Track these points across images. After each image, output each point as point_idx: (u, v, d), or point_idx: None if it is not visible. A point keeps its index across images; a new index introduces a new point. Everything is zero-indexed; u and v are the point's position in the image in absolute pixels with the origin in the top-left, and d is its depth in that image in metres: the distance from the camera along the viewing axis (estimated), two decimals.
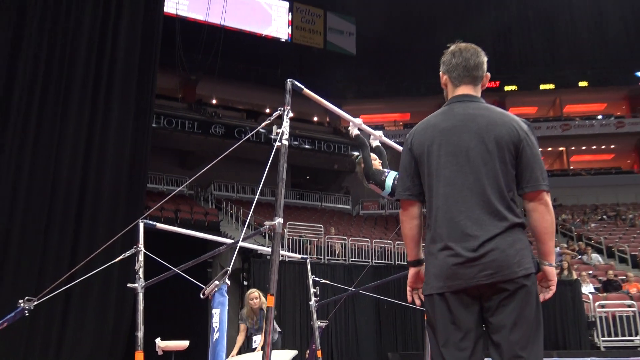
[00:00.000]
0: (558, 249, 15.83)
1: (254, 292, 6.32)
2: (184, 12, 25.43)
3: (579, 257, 16.15)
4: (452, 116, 2.13)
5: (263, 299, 6.17)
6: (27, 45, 9.82)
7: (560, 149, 31.01)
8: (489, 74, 2.27)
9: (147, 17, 11.71)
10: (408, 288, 2.25)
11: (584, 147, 30.71)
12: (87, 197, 10.11)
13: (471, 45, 2.25)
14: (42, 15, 10.13)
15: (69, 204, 9.85)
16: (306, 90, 3.21)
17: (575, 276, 12.68)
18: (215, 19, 24.18)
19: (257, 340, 6.14)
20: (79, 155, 10.14)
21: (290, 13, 30.90)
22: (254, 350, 6.11)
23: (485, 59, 2.24)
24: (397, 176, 2.26)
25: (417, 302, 2.24)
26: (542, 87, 30.83)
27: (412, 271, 2.22)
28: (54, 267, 9.24)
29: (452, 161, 2.04)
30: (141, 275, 4.03)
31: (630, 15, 29.64)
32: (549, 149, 30.55)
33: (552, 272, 2.06)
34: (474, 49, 2.24)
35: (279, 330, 6.42)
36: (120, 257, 4.05)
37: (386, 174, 3.93)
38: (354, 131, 4.08)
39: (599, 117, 29.94)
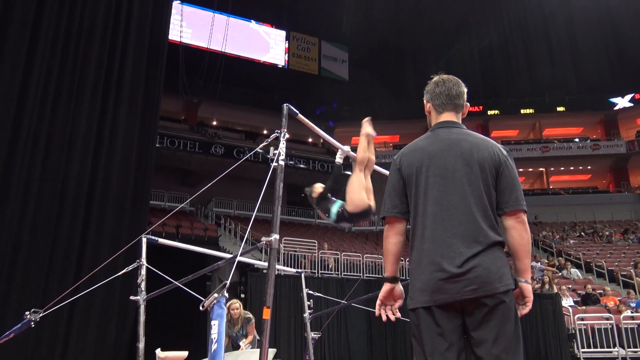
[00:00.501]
0: (539, 264, 15.83)
1: (235, 303, 6.55)
2: (187, 39, 25.60)
3: (559, 272, 16.15)
4: (437, 140, 2.16)
5: (242, 309, 6.54)
6: (40, 69, 9.82)
7: (540, 169, 31.19)
8: (468, 104, 2.33)
9: (152, 45, 11.79)
10: (378, 302, 2.22)
11: (562, 168, 30.91)
12: (92, 212, 10.06)
13: (453, 77, 2.32)
14: (54, 40, 10.16)
15: (75, 219, 9.79)
16: (300, 116, 3.24)
17: (555, 290, 12.66)
18: (216, 46, 24.35)
19: (241, 344, 6.40)
20: (85, 172, 10.12)
21: (287, 41, 31.18)
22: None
23: (465, 90, 2.30)
24: (384, 194, 2.26)
25: (384, 317, 2.21)
26: (522, 111, 31.12)
27: (387, 287, 2.20)
28: (59, 279, 9.15)
29: (439, 182, 2.06)
30: (143, 289, 4.00)
31: (603, 46, 30.09)
32: (530, 169, 30.73)
33: (528, 288, 2.08)
34: (455, 80, 2.30)
35: (258, 338, 6.60)
36: (123, 270, 4.02)
37: (332, 202, 4.01)
38: (338, 159, 4.32)
39: (576, 140, 30.20)
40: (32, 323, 3.39)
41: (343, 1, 30.40)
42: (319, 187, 4.16)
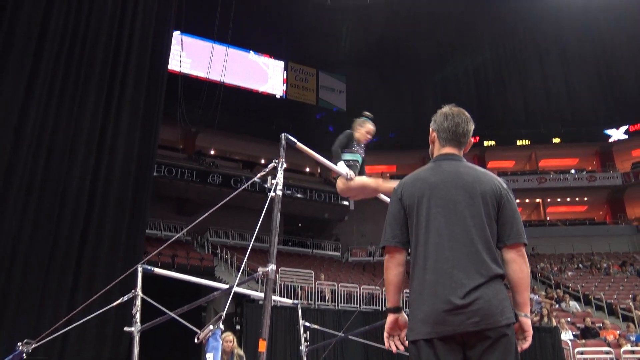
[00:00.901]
0: (537, 296, 15.70)
1: (229, 336, 6.65)
2: (186, 69, 25.88)
3: (558, 305, 16.01)
4: (440, 172, 2.16)
5: (236, 344, 6.67)
6: (38, 103, 9.88)
7: (537, 200, 31.25)
8: (472, 140, 2.32)
9: (152, 74, 11.93)
10: (385, 335, 2.19)
11: (559, 199, 30.97)
12: (88, 241, 10.01)
13: (463, 112, 2.30)
14: (55, 65, 10.25)
15: (71, 247, 9.73)
16: (299, 144, 3.24)
17: (554, 323, 12.53)
18: (215, 76, 24.61)
19: None
20: (82, 200, 10.09)
21: (285, 72, 31.57)
22: None
23: (472, 127, 2.31)
24: (385, 224, 2.24)
25: (394, 348, 2.18)
26: (518, 142, 31.35)
27: (391, 317, 2.17)
28: (53, 308, 9.04)
29: (441, 213, 2.06)
30: (138, 319, 3.94)
31: (597, 79, 30.57)
32: (527, 200, 30.78)
33: (528, 323, 2.07)
34: (465, 116, 2.29)
35: None
36: (118, 301, 3.97)
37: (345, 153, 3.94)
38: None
39: (572, 171, 30.35)
40: (24, 355, 3.33)
41: (340, 33, 30.94)
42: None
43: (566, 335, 12.33)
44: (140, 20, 11.93)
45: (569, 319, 14.13)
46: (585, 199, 30.67)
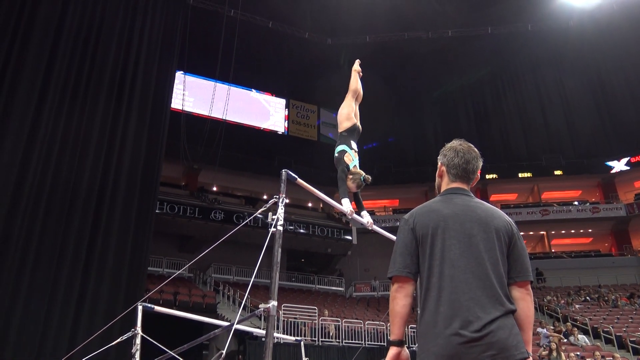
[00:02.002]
0: (546, 330, 15.42)
1: None
2: (189, 107, 26.23)
3: (566, 339, 15.71)
4: (452, 205, 2.17)
5: None
6: (44, 134, 9.99)
7: (541, 232, 31.04)
8: (478, 175, 2.34)
9: (155, 112, 12.09)
10: None
11: (563, 231, 30.77)
12: (90, 278, 9.96)
13: (473, 149, 2.33)
14: (60, 100, 10.40)
15: (72, 284, 9.68)
16: (299, 180, 3.26)
17: (564, 358, 12.26)
18: (217, 113, 24.91)
19: None
20: (84, 234, 10.08)
21: (286, 109, 31.97)
22: None
23: (481, 164, 2.33)
24: (394, 253, 2.21)
25: None
26: (520, 175, 31.35)
27: (394, 351, 2.09)
28: (53, 346, 8.92)
29: (456, 245, 2.05)
30: (138, 358, 3.88)
31: (595, 110, 30.81)
32: (531, 232, 30.58)
33: None
34: (475, 154, 2.32)
35: None
36: (118, 340, 3.92)
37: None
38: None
39: (576, 203, 30.24)
40: None
41: (340, 70, 31.43)
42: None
43: None
44: (143, 61, 12.17)
45: (578, 353, 13.84)
46: (590, 230, 30.47)
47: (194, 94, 27.19)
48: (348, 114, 5.02)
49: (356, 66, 5.43)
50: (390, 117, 32.61)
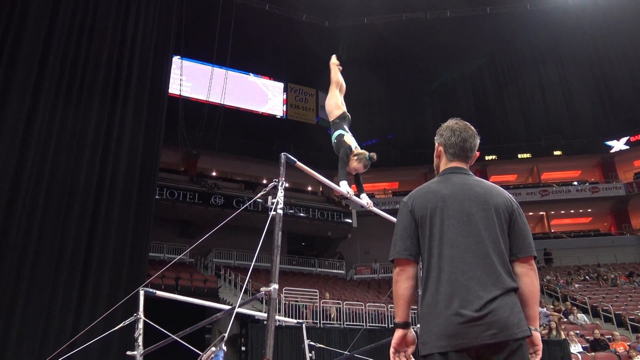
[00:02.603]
0: (545, 309, 15.55)
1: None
2: (187, 92, 26.09)
3: (566, 318, 15.84)
4: (450, 184, 2.16)
5: None
6: (39, 131, 9.95)
7: (541, 213, 31.12)
8: (477, 153, 2.33)
9: (152, 98, 12.02)
10: (392, 350, 2.13)
11: (562, 212, 30.84)
12: (91, 264, 9.99)
13: (469, 127, 2.31)
14: (57, 92, 10.35)
15: (73, 270, 9.72)
16: (299, 163, 3.25)
17: (563, 336, 12.39)
18: (215, 98, 24.80)
19: None
20: (85, 223, 10.10)
21: (285, 92, 31.80)
22: None
23: (478, 141, 2.32)
24: (395, 236, 2.20)
25: None
26: (520, 156, 31.32)
27: (399, 333, 2.10)
28: (57, 332, 9.00)
29: (454, 225, 2.04)
30: (140, 343, 3.91)
31: (595, 90, 30.69)
32: (530, 213, 30.65)
33: (538, 336, 2.06)
34: (472, 131, 2.30)
35: None
36: (120, 325, 3.95)
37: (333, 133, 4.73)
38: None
39: (575, 183, 30.28)
40: None
41: (338, 53, 31.20)
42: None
43: (575, 348, 12.18)
44: (139, 46, 12.07)
45: (577, 332, 13.97)
46: (589, 210, 30.55)
47: (191, 79, 27.03)
48: (335, 103, 5.16)
49: (334, 60, 5.64)
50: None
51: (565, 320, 15.54)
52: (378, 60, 30.79)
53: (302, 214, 24.73)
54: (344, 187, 4.16)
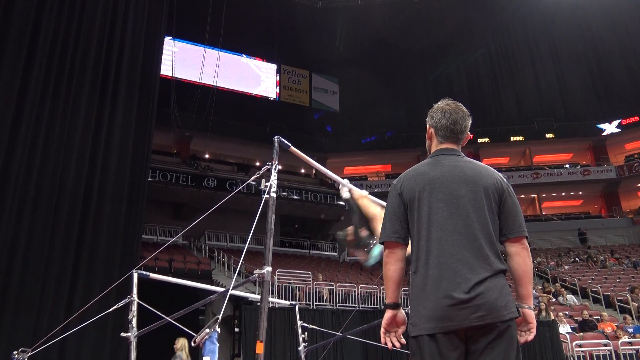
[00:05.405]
0: (535, 291, 15.74)
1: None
2: (179, 74, 25.84)
3: (555, 299, 16.06)
4: (440, 166, 2.15)
5: (180, 343, 7.42)
6: (30, 111, 9.84)
7: (532, 196, 31.34)
8: (469, 134, 2.32)
9: (144, 80, 11.89)
10: (382, 330, 2.16)
11: (554, 194, 31.07)
12: (84, 247, 9.97)
13: (460, 107, 2.30)
14: (47, 74, 10.22)
15: (67, 253, 9.69)
16: (292, 148, 3.24)
17: (552, 317, 12.57)
18: (208, 80, 24.59)
19: None
20: (77, 205, 10.06)
21: (278, 74, 31.59)
22: None
23: (470, 122, 2.30)
24: (384, 219, 2.21)
25: (390, 345, 2.15)
26: (512, 138, 31.43)
27: (389, 314, 2.13)
28: (50, 315, 9.00)
29: (442, 207, 2.04)
30: (134, 325, 3.93)
31: (587, 73, 30.74)
32: (522, 196, 30.84)
33: (531, 314, 2.07)
34: (462, 112, 2.28)
35: None
36: (114, 307, 3.96)
37: (371, 244, 3.65)
38: (344, 194, 3.98)
39: (567, 165, 30.46)
40: None
41: (332, 34, 30.96)
42: (351, 230, 3.82)
43: (564, 329, 12.37)
44: (130, 26, 11.91)
45: (566, 313, 14.18)
46: (580, 193, 30.79)
47: (183, 60, 26.73)
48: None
49: (363, 193, 4.15)
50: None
51: (554, 301, 15.76)
52: (372, 42, 30.57)
53: (295, 197, 24.75)
54: (345, 182, 4.00)
